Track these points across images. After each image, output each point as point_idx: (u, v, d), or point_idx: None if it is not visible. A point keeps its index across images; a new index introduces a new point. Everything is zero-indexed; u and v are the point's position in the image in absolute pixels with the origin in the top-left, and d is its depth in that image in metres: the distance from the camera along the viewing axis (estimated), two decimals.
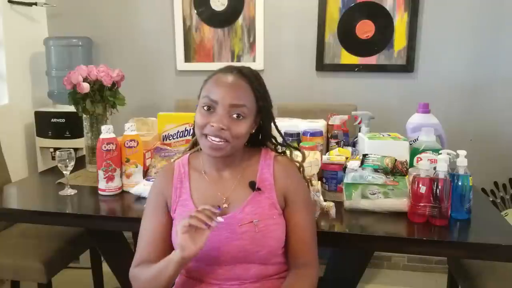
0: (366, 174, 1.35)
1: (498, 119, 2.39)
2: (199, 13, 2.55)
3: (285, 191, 1.12)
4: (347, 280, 1.45)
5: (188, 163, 1.17)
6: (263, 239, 1.06)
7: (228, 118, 1.04)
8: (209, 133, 1.04)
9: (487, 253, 1.17)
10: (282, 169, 1.13)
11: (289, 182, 1.12)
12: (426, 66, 2.41)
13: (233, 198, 1.11)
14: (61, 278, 1.94)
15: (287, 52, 2.53)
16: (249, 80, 1.07)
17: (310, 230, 1.12)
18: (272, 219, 1.08)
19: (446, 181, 1.23)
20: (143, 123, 1.92)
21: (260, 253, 1.06)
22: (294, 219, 1.11)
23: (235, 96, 1.04)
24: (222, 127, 1.03)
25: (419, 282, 2.49)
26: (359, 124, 1.93)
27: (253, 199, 1.09)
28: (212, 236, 1.05)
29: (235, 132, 1.04)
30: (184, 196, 1.12)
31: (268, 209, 1.09)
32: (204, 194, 1.12)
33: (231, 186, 1.12)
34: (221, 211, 1.05)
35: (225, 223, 1.06)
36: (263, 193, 1.10)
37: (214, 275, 1.09)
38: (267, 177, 1.12)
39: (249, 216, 1.07)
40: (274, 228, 1.08)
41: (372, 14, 2.39)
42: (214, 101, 1.04)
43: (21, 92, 2.55)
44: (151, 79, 2.69)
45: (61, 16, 2.70)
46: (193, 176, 1.15)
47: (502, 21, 2.31)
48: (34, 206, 1.55)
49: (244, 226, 1.06)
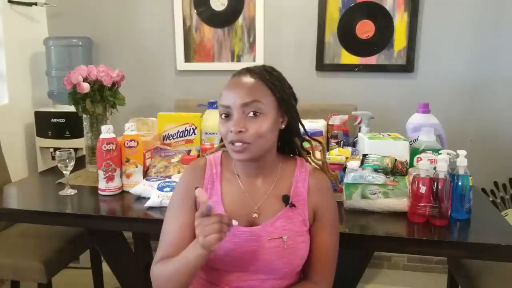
0: (366, 174, 1.35)
1: (498, 119, 2.39)
2: (199, 13, 2.55)
3: (316, 207, 1.09)
4: (347, 280, 1.45)
5: (221, 162, 1.13)
6: (290, 257, 1.03)
7: (245, 119, 1.00)
8: (231, 140, 1.00)
9: (487, 253, 1.17)
10: (317, 184, 1.10)
11: (321, 199, 1.09)
12: (426, 66, 2.41)
13: (264, 209, 1.07)
14: (61, 278, 1.94)
15: (287, 52, 2.53)
16: (260, 75, 1.03)
17: (332, 250, 1.10)
18: (301, 237, 1.06)
19: (446, 181, 1.23)
20: (143, 123, 1.92)
21: (284, 270, 1.04)
22: (319, 237, 1.08)
23: (244, 94, 1.00)
24: (239, 129, 0.99)
25: (419, 282, 2.49)
26: (359, 124, 1.93)
27: (284, 213, 1.06)
28: (238, 246, 1.03)
29: (254, 130, 0.99)
30: (214, 198, 1.08)
31: (299, 226, 1.06)
32: (235, 199, 1.08)
33: (263, 196, 1.08)
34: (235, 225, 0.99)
35: (254, 234, 1.04)
36: (295, 209, 1.06)
37: (229, 282, 1.06)
38: (301, 191, 1.08)
39: (278, 230, 1.04)
40: (302, 246, 1.05)
41: (372, 14, 2.39)
42: (227, 107, 1.01)
43: (21, 92, 2.54)
44: (151, 79, 2.69)
45: (61, 16, 2.70)
46: (225, 178, 1.10)
47: (502, 21, 2.31)
48: (34, 206, 1.55)
49: (273, 241, 1.03)
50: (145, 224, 1.40)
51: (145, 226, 1.44)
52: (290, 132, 1.12)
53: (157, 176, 1.57)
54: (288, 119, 1.08)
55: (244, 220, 1.06)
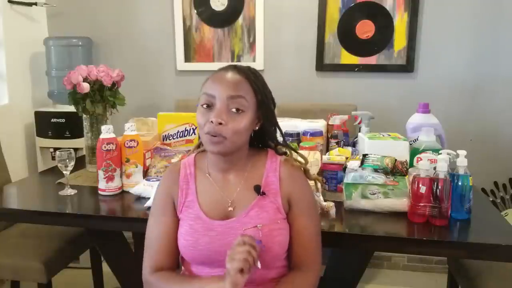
0: (366, 174, 1.35)
1: (498, 119, 2.39)
2: (199, 13, 2.55)
3: (289, 195, 1.11)
4: (347, 280, 1.45)
5: (194, 163, 1.16)
6: (267, 244, 1.05)
7: (227, 112, 1.03)
8: (209, 131, 1.03)
9: (487, 253, 1.17)
10: (288, 173, 1.12)
11: (294, 186, 1.11)
12: (426, 66, 2.41)
13: (238, 201, 1.10)
14: (61, 278, 1.94)
15: (287, 52, 2.53)
16: (246, 75, 1.07)
17: (313, 235, 1.11)
18: (276, 224, 1.08)
19: (446, 181, 1.23)
20: (143, 123, 1.92)
21: (264, 258, 1.05)
22: (297, 223, 1.10)
23: (232, 87, 1.03)
24: (220, 121, 1.01)
25: (419, 282, 2.49)
26: (359, 124, 1.93)
27: (257, 203, 1.09)
28: (216, 240, 1.06)
29: (234, 127, 1.03)
30: (190, 198, 1.12)
31: (273, 213, 1.08)
32: (209, 196, 1.11)
33: (236, 189, 1.11)
34: (260, 245, 1.01)
35: (229, 227, 1.06)
36: (268, 197, 1.09)
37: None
38: (273, 180, 1.11)
39: (253, 220, 1.07)
40: (278, 233, 1.07)
41: (372, 14, 2.39)
42: (212, 96, 1.04)
43: (21, 92, 2.54)
44: (151, 79, 2.69)
45: (61, 16, 2.70)
46: (199, 177, 1.14)
47: (502, 21, 2.31)
48: (34, 206, 1.55)
49: (248, 231, 1.05)
50: (145, 224, 1.39)
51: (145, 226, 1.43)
52: (264, 134, 1.15)
53: (157, 176, 1.57)
54: (263, 122, 1.11)
55: (220, 215, 1.09)
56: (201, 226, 1.08)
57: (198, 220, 1.08)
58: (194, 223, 1.08)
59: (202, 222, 1.08)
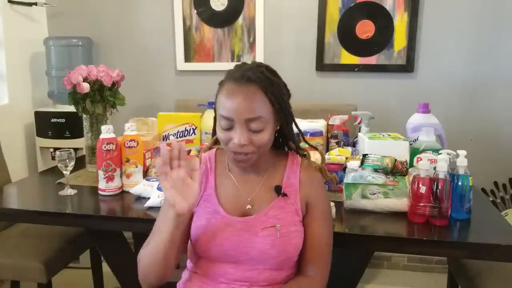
0: (366, 174, 1.35)
1: (498, 119, 2.39)
2: (199, 13, 2.55)
3: (308, 198, 1.11)
4: (347, 280, 1.45)
5: (215, 157, 1.16)
6: (284, 245, 1.05)
7: (248, 132, 1.02)
8: (234, 151, 1.03)
9: (487, 253, 1.17)
10: (308, 176, 1.12)
11: (313, 190, 1.12)
12: (426, 66, 2.41)
13: (257, 200, 1.10)
14: (61, 278, 1.94)
15: (287, 52, 2.53)
16: (260, 85, 1.01)
17: (325, 240, 1.11)
18: (294, 226, 1.08)
19: (446, 181, 1.23)
20: (143, 123, 1.92)
21: (279, 259, 1.05)
22: (311, 228, 1.10)
23: (247, 109, 1.00)
24: (243, 143, 1.01)
25: (419, 282, 2.49)
26: (359, 124, 1.93)
27: (277, 203, 1.09)
28: (232, 235, 1.05)
29: (258, 143, 1.03)
30: (208, 191, 1.12)
31: (291, 215, 1.08)
32: (228, 192, 1.11)
33: (256, 188, 1.11)
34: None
35: (247, 224, 1.06)
36: (288, 198, 1.09)
37: (225, 274, 1.07)
38: (293, 182, 1.11)
39: (271, 220, 1.06)
40: (295, 235, 1.07)
41: (372, 14, 2.39)
42: (229, 119, 1.02)
43: (21, 92, 2.54)
44: (151, 79, 2.69)
45: (61, 16, 2.70)
46: (219, 171, 1.14)
47: (502, 21, 2.31)
48: (34, 206, 1.55)
49: (266, 230, 1.05)
50: (145, 224, 1.39)
51: (145, 226, 1.43)
52: (284, 133, 1.14)
53: (157, 176, 1.57)
54: (282, 123, 1.10)
55: (238, 212, 1.09)
56: (219, 221, 1.07)
57: (216, 214, 1.08)
58: (212, 217, 1.08)
59: (220, 216, 1.08)
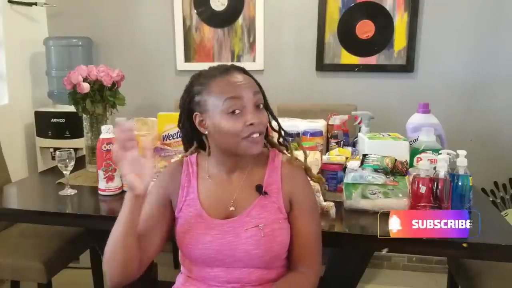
0: (366, 174, 1.35)
1: (498, 119, 2.39)
2: (199, 13, 2.55)
3: (291, 195, 1.10)
4: (347, 280, 1.46)
5: (197, 162, 1.16)
6: (269, 244, 1.05)
7: (257, 110, 1.04)
8: (253, 131, 1.02)
9: (487, 253, 1.18)
10: (290, 173, 1.12)
11: (296, 186, 1.11)
12: (426, 66, 2.41)
13: (240, 201, 1.09)
14: (61, 278, 1.94)
15: (287, 52, 2.53)
16: (248, 73, 1.10)
17: (313, 235, 1.11)
18: (277, 224, 1.07)
19: (446, 181, 1.23)
20: (143, 123, 1.92)
21: (265, 258, 1.05)
22: (298, 224, 1.09)
23: (250, 85, 1.05)
24: (259, 120, 1.03)
25: (419, 282, 2.49)
26: (359, 124, 1.93)
27: (259, 202, 1.08)
28: (216, 239, 1.05)
29: (264, 121, 1.05)
30: (191, 196, 1.11)
31: (274, 213, 1.08)
32: (211, 195, 1.11)
33: (237, 188, 1.10)
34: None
35: (230, 226, 1.06)
36: (269, 197, 1.09)
37: (215, 277, 1.08)
38: (275, 180, 1.10)
39: (254, 220, 1.06)
40: (280, 233, 1.07)
41: (372, 14, 2.39)
42: (240, 98, 1.02)
43: (21, 92, 2.54)
44: (151, 79, 2.69)
45: (61, 16, 2.70)
46: (201, 176, 1.13)
47: (502, 21, 2.31)
48: (34, 206, 1.55)
49: (250, 230, 1.05)
50: None
51: None
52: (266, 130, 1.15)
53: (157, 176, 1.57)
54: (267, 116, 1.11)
55: (221, 214, 1.09)
56: (202, 225, 1.07)
57: (198, 218, 1.08)
58: (195, 221, 1.08)
59: (203, 220, 1.08)
